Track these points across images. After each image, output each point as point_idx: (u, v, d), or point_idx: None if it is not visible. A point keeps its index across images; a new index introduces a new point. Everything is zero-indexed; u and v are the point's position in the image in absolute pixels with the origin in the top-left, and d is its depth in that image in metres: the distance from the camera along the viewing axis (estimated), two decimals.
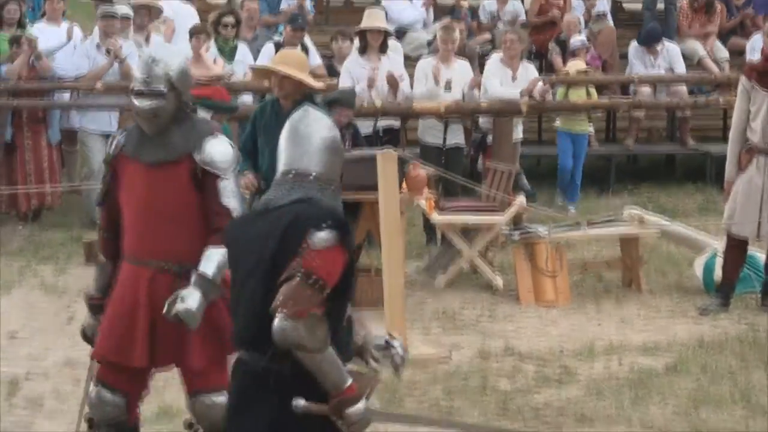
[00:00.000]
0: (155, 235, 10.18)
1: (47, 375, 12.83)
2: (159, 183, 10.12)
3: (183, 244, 10.28)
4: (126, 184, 10.26)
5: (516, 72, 21.96)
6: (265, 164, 13.85)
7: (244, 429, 8.26)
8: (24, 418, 13.46)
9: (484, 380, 14.58)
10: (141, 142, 10.21)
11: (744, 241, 17.12)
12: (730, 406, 13.80)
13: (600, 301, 17.75)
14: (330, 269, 7.93)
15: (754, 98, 17.00)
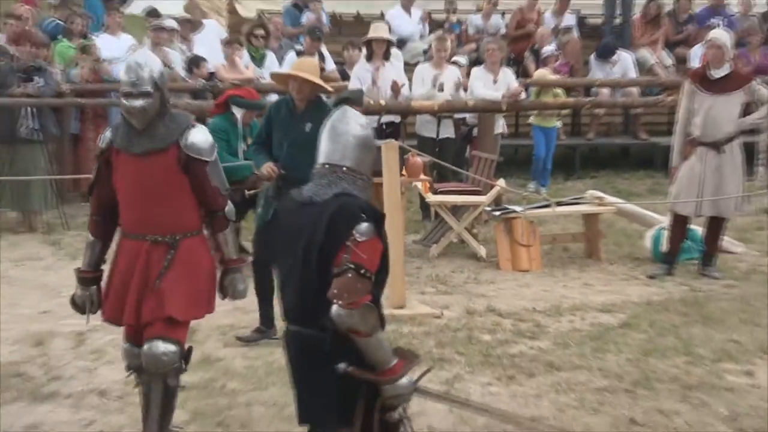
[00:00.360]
0: (149, 213, 10.24)
1: (107, 329, 12.78)
2: (149, 169, 10.18)
3: (173, 219, 10.36)
4: (120, 173, 10.32)
5: (497, 76, 22.32)
6: (283, 155, 14.01)
7: (308, 394, 8.43)
8: (89, 365, 13.59)
9: (469, 333, 14.84)
10: (129, 136, 10.27)
11: (686, 217, 17.54)
12: (674, 356, 13.94)
13: (566, 268, 18.04)
14: (373, 259, 8.20)
15: (696, 99, 17.37)
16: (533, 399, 12.67)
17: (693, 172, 17.33)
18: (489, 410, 9.90)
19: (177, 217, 10.36)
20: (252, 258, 14.95)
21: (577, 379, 13.25)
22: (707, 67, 17.73)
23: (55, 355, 14.10)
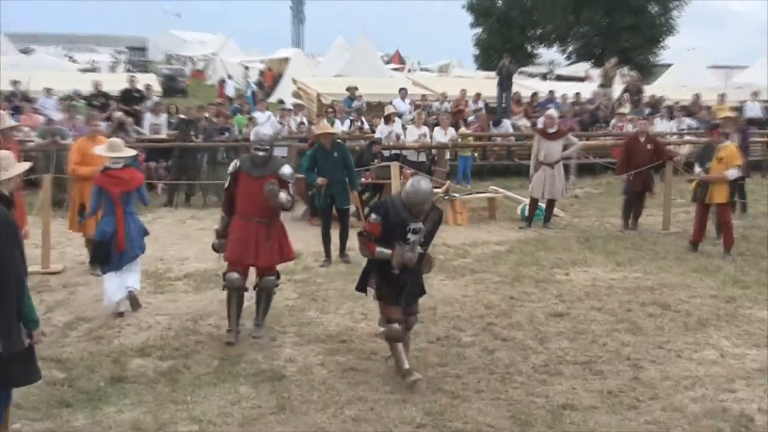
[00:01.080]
0: (257, 206, 9.85)
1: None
2: (260, 186, 9.70)
3: (269, 210, 9.93)
4: (242, 185, 9.93)
5: (446, 131, 22.06)
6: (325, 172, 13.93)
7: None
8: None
9: (433, 255, 14.56)
10: (252, 165, 9.95)
11: (537, 199, 17.40)
12: (531, 266, 13.70)
13: (479, 224, 17.77)
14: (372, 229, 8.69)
15: (541, 142, 17.31)
16: (464, 287, 12.56)
17: (540, 177, 17.18)
18: None
19: (271, 210, 9.92)
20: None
21: (485, 277, 13.11)
22: (546, 127, 17.58)
23: None
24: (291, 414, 7.87)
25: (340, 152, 14.27)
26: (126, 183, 10.90)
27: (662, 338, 10.25)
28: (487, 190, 19.85)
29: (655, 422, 7.83)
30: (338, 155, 14.17)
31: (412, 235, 8.64)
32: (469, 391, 8.50)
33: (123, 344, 9.77)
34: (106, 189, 10.87)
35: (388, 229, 8.59)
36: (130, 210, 10.95)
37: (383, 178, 17.36)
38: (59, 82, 27.01)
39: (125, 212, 10.85)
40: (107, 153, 11.18)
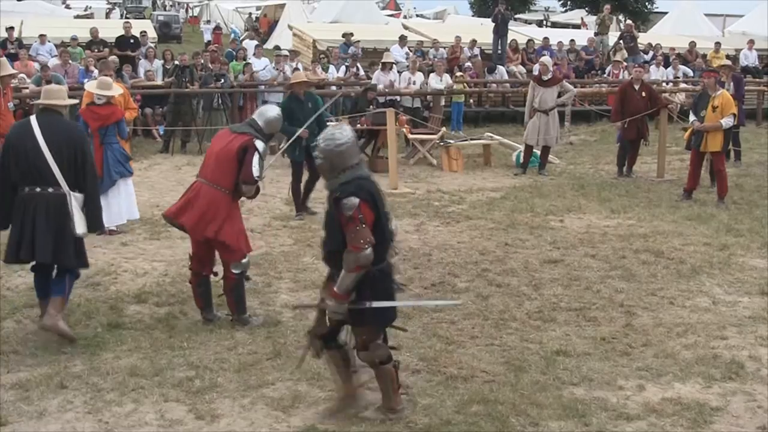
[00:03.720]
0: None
1: None
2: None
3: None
4: None
5: (441, 78, 21.98)
6: (299, 123, 11.79)
7: None
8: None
9: (428, 203, 14.37)
10: None
11: (531, 146, 17.39)
12: (526, 212, 13.69)
13: (474, 170, 17.80)
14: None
15: (536, 89, 17.32)
16: (458, 234, 12.58)
17: (534, 125, 17.14)
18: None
19: None
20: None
21: (479, 224, 13.13)
22: (540, 74, 17.52)
23: None
24: (287, 360, 7.86)
25: (314, 103, 14.06)
26: (104, 118, 11.77)
27: (655, 285, 10.27)
28: (482, 136, 19.87)
29: (648, 368, 7.84)
30: (312, 106, 13.99)
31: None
32: (463, 337, 8.52)
33: (120, 291, 9.77)
34: (86, 122, 11.76)
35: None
36: (108, 140, 11.79)
37: (378, 124, 17.28)
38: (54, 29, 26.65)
39: (102, 143, 11.70)
40: (95, 90, 11.92)
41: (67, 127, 8.35)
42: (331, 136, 6.35)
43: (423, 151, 18.47)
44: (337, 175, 6.35)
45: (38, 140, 8.00)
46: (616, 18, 40.12)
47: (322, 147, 6.36)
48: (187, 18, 61.38)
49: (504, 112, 25.23)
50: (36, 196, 8.02)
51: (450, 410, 6.92)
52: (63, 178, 8.03)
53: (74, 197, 8.08)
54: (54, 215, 8.03)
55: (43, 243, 8.01)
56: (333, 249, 6.43)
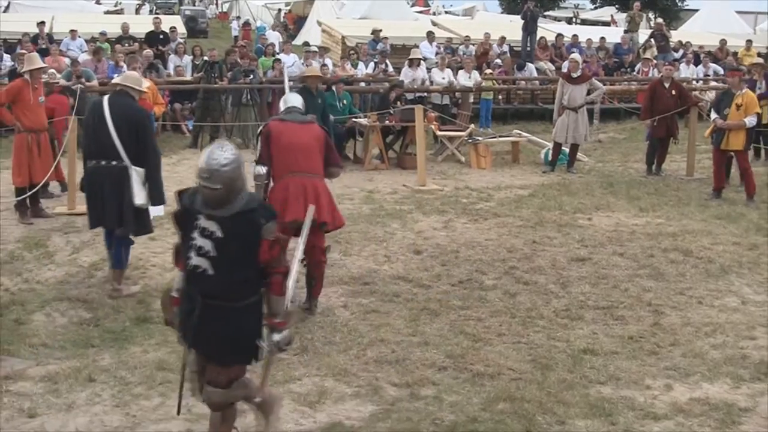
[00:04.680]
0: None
1: None
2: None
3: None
4: None
5: (470, 75, 21.90)
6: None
7: None
8: None
9: (456, 200, 14.35)
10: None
11: (560, 144, 17.33)
12: (554, 210, 13.69)
13: (502, 167, 17.74)
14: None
15: (565, 87, 17.25)
16: (486, 231, 12.55)
17: (563, 122, 17.10)
18: None
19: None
20: None
21: (507, 221, 13.09)
22: (570, 71, 17.50)
23: None
24: (313, 355, 7.89)
25: (323, 99, 14.15)
26: None
27: (684, 284, 10.22)
28: (511, 133, 19.78)
29: (675, 368, 7.81)
30: (321, 102, 14.07)
31: (200, 238, 5.58)
32: (490, 335, 8.51)
33: (148, 285, 9.81)
34: None
35: (183, 218, 5.77)
36: None
37: (407, 120, 17.28)
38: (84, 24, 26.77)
39: None
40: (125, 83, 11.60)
41: (132, 107, 9.26)
42: (223, 158, 5.39)
43: (451, 147, 18.44)
44: (235, 198, 5.50)
45: (106, 117, 9.00)
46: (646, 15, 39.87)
47: (219, 173, 5.36)
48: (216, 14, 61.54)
49: (533, 109, 25.12)
50: (101, 169, 9.07)
51: (476, 407, 6.92)
52: (125, 152, 8.96)
53: (135, 171, 9.02)
54: (117, 186, 9.02)
55: (110, 212, 9.12)
56: (240, 278, 5.55)
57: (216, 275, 5.52)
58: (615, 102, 25.16)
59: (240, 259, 5.53)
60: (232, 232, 5.49)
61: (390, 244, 11.70)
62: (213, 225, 5.50)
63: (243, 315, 5.65)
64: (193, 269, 5.58)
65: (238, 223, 5.49)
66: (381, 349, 8.06)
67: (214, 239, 5.51)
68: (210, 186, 5.38)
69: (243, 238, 5.51)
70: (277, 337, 5.67)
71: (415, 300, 9.49)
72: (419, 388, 7.28)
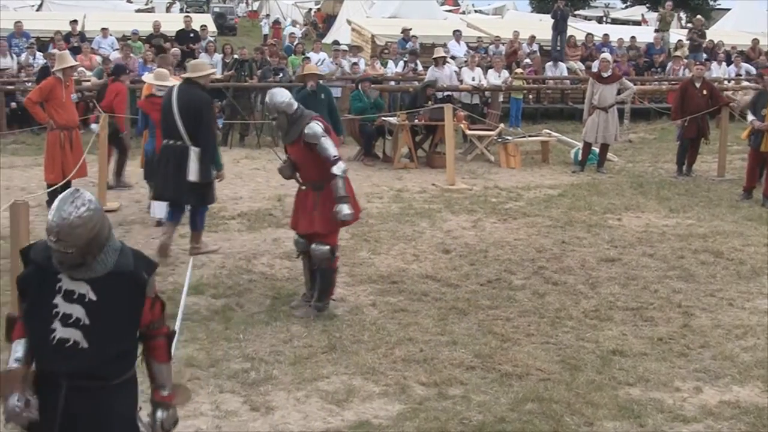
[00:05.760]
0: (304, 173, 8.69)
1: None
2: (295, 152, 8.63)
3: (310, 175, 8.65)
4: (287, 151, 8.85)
5: (500, 74, 21.85)
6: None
7: None
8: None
9: (485, 199, 14.31)
10: (283, 133, 8.75)
11: (590, 144, 17.26)
12: (584, 210, 13.59)
13: (532, 167, 17.66)
14: None
15: (595, 86, 17.19)
16: (515, 231, 12.52)
17: (593, 121, 17.04)
18: None
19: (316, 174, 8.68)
20: None
21: (536, 221, 13.05)
22: (600, 71, 17.43)
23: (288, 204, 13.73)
24: (342, 353, 7.90)
25: (326, 94, 14.20)
26: None
27: (714, 286, 10.15)
28: (541, 133, 19.70)
29: (705, 370, 7.76)
30: (324, 97, 14.11)
31: (66, 304, 4.37)
32: (519, 335, 8.49)
33: (177, 282, 9.81)
34: (148, 114, 11.97)
35: (34, 281, 4.51)
36: None
37: (436, 119, 17.25)
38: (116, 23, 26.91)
39: None
40: (155, 81, 12.14)
41: (195, 94, 10.28)
42: (74, 216, 4.22)
43: (480, 147, 18.40)
44: (95, 258, 4.35)
45: (173, 102, 10.20)
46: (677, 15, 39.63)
47: (70, 235, 4.21)
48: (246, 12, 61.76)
49: (563, 108, 25.05)
50: (169, 148, 10.32)
51: (504, 408, 6.91)
52: (186, 134, 10.14)
53: (193, 150, 10.14)
54: (178, 163, 10.20)
55: (169, 186, 10.40)
56: (119, 350, 4.46)
57: (90, 349, 4.35)
58: (645, 102, 25.02)
59: (120, 327, 4.45)
60: (109, 293, 4.37)
61: (419, 243, 11.70)
62: (82, 286, 4.35)
63: (119, 395, 4.51)
64: (59, 345, 4.36)
65: (116, 283, 4.38)
66: (409, 348, 8.05)
67: (85, 304, 4.35)
68: (59, 249, 4.26)
69: (123, 300, 4.42)
70: (162, 414, 4.76)
71: (443, 299, 9.49)
72: (447, 387, 7.27)
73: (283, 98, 8.67)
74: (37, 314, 4.42)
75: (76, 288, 4.35)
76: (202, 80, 10.45)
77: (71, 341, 4.35)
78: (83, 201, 4.27)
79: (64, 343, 4.35)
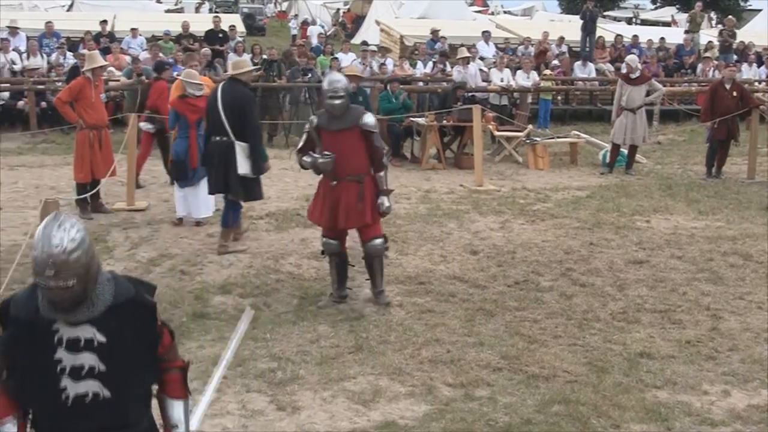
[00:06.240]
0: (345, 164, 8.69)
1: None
2: (344, 141, 8.68)
3: (358, 166, 8.80)
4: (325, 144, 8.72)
5: (528, 75, 21.82)
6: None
7: None
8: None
9: (513, 199, 14.30)
10: (330, 120, 8.73)
11: (618, 145, 17.18)
12: (612, 212, 13.56)
13: (560, 168, 17.65)
14: None
15: (623, 87, 17.11)
16: (543, 232, 12.50)
17: (622, 123, 16.99)
18: None
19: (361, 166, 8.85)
20: None
21: (564, 223, 13.02)
22: (629, 72, 17.35)
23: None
24: (368, 354, 7.92)
25: (363, 97, 14.28)
26: (201, 110, 11.65)
27: (743, 289, 10.08)
28: (569, 134, 19.66)
29: (733, 374, 7.71)
30: (363, 99, 14.19)
31: (72, 355, 3.75)
32: (546, 336, 8.47)
33: (205, 281, 9.90)
34: (182, 114, 11.96)
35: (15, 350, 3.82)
36: (200, 132, 11.84)
37: (464, 120, 17.25)
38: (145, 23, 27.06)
39: (198, 134, 11.91)
40: (188, 80, 12.05)
41: (239, 91, 10.62)
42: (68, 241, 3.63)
43: (509, 148, 18.39)
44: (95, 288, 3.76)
45: (218, 100, 10.54)
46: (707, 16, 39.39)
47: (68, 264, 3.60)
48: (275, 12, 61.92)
49: (591, 110, 24.99)
50: (215, 144, 10.62)
51: (531, 409, 6.89)
52: (231, 130, 10.46)
53: (239, 145, 10.47)
54: (224, 158, 10.54)
55: (217, 180, 10.76)
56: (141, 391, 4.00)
57: (113, 397, 3.82)
58: (675, 103, 24.91)
59: (140, 362, 3.91)
60: (118, 329, 3.80)
61: (446, 244, 11.70)
62: (86, 330, 3.75)
63: None
64: (76, 404, 3.78)
65: (121, 315, 3.80)
66: (436, 349, 8.04)
67: (95, 349, 3.76)
68: (59, 285, 3.62)
69: (135, 331, 3.87)
70: None
71: (470, 300, 9.48)
72: (474, 388, 7.26)
73: (346, 80, 9.18)
74: (37, 378, 3.79)
75: (80, 334, 3.75)
76: (244, 77, 10.80)
77: (90, 395, 3.78)
78: (70, 222, 3.69)
79: (83, 400, 3.77)
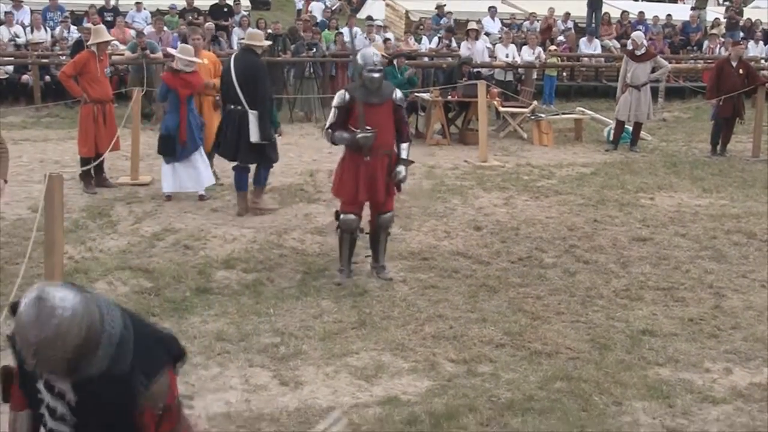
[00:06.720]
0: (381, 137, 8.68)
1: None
2: (381, 113, 8.73)
3: (389, 140, 8.86)
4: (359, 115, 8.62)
5: (534, 51, 21.73)
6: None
7: None
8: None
9: (517, 175, 14.34)
10: (367, 92, 8.68)
11: (623, 122, 17.15)
12: (616, 189, 13.58)
13: (564, 145, 17.64)
14: None
15: (629, 64, 17.06)
16: (547, 209, 12.48)
17: (626, 100, 16.97)
18: None
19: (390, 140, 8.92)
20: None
21: (568, 199, 13.01)
22: (634, 49, 17.27)
23: (320, 180, 13.69)
24: (371, 329, 7.92)
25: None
26: (193, 86, 11.99)
27: (746, 267, 10.06)
28: (574, 111, 19.62)
29: (736, 352, 7.70)
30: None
31: (48, 395, 3.47)
32: (549, 313, 8.48)
33: (208, 256, 9.90)
34: (173, 89, 11.91)
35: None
36: (190, 107, 12.06)
37: (469, 96, 17.21)
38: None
39: (188, 109, 11.97)
40: (181, 56, 12.07)
41: (251, 60, 11.11)
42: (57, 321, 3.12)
43: (513, 124, 18.36)
44: (96, 352, 3.27)
45: (231, 70, 11.03)
46: None
47: (65, 341, 3.14)
48: None
49: (596, 86, 24.90)
50: (231, 112, 11.12)
51: (533, 386, 6.90)
52: (244, 99, 10.91)
53: (251, 113, 10.92)
54: (238, 126, 11.02)
55: (230, 146, 11.23)
56: None
57: None
58: (680, 81, 24.82)
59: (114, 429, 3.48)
60: (93, 398, 3.41)
61: (450, 220, 11.70)
62: (63, 383, 3.42)
63: None
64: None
65: (103, 387, 3.36)
66: (439, 325, 8.05)
67: (66, 403, 3.47)
68: (46, 369, 3.30)
69: (111, 408, 3.42)
70: None
71: (474, 276, 9.47)
72: (476, 364, 7.27)
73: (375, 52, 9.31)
74: (29, 393, 3.58)
75: (56, 383, 3.43)
76: (257, 48, 11.30)
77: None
78: (60, 297, 3.16)
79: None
